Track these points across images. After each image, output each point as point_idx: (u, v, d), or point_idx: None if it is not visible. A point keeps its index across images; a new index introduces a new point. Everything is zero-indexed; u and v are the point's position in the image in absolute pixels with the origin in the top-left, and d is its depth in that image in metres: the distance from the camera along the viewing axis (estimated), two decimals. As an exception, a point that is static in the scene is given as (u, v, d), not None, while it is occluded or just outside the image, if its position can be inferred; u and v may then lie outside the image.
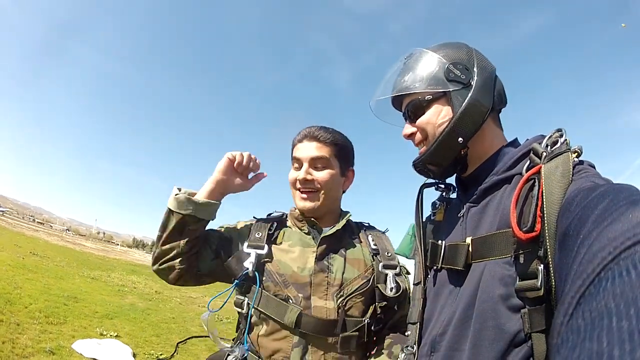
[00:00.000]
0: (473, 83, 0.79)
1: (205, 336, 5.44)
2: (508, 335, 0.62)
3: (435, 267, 0.86)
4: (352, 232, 1.28)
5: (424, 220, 0.97)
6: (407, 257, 1.26)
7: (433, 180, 0.95)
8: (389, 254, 1.21)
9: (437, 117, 0.81)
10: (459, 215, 0.84)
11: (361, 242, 1.26)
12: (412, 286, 0.97)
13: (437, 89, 0.80)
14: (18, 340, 4.33)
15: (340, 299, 1.10)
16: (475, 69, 0.80)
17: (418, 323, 0.86)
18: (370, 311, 1.14)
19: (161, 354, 5.36)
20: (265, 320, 1.11)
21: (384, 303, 1.12)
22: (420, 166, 0.87)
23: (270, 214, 1.34)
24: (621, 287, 0.27)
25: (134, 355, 5.02)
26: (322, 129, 1.22)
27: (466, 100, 0.78)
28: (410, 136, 0.88)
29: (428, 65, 0.82)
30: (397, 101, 0.92)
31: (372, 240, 1.25)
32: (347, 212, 1.29)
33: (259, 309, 1.10)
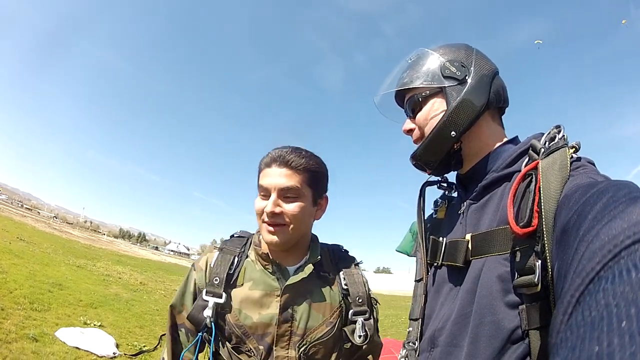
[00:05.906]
0: (469, 79, 0.80)
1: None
2: (506, 331, 0.62)
3: (436, 264, 0.86)
4: (321, 267, 1.15)
5: (425, 218, 0.97)
6: (408, 255, 1.23)
7: (435, 179, 0.97)
8: (360, 299, 1.12)
9: (432, 110, 0.83)
10: (459, 212, 0.85)
11: (330, 277, 1.15)
12: (414, 283, 0.98)
13: (433, 84, 0.82)
14: (2, 326, 4.36)
15: (303, 348, 1.05)
16: (472, 67, 0.81)
17: (420, 319, 0.86)
18: (335, 353, 1.11)
19: (144, 346, 5.41)
20: None
21: (350, 344, 1.09)
22: (416, 159, 0.88)
23: (234, 234, 1.23)
24: (621, 287, 0.26)
25: (117, 346, 5.06)
26: (295, 152, 1.06)
27: (460, 96, 0.80)
28: (409, 132, 0.90)
29: (427, 62, 0.85)
30: (399, 98, 0.94)
31: (344, 278, 1.14)
32: (316, 245, 1.17)
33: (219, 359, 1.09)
